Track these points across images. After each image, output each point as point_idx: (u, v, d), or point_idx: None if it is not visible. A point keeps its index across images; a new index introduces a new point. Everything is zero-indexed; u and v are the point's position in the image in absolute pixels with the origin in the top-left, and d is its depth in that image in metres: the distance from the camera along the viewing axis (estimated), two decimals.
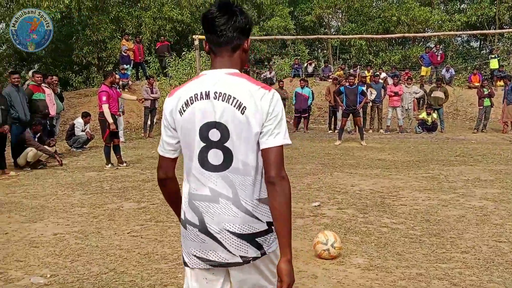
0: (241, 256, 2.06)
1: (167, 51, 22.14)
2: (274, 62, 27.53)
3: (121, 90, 14.34)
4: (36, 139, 10.64)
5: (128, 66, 20.53)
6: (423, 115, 17.65)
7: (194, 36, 16.79)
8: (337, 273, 4.46)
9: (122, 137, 14.12)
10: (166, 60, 21.94)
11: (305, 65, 25.87)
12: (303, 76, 23.51)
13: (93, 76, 24.57)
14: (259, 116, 1.99)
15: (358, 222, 6.09)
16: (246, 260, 2.07)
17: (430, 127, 17.43)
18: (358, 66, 24.70)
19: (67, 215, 6.60)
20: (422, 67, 23.63)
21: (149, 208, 6.92)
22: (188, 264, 2.16)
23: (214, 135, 2.02)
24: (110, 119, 9.96)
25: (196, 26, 25.75)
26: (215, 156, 2.03)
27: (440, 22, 29.46)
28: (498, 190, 7.91)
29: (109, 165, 10.29)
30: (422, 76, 23.07)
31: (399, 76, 20.81)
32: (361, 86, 14.98)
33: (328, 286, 4.17)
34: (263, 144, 1.99)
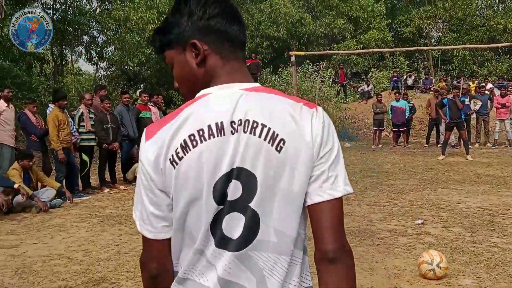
0: None
1: (257, 69, 22.44)
2: (372, 75, 27.11)
3: None
4: None
5: None
6: None
7: (290, 53, 17.01)
8: None
9: None
10: (258, 78, 22.30)
11: (405, 77, 25.22)
12: (402, 88, 22.90)
13: None
14: (308, 152, 1.26)
15: (465, 241, 5.80)
16: None
17: None
18: (462, 77, 23.66)
19: None
20: None
21: None
22: None
23: (234, 190, 1.24)
24: None
25: (292, 42, 26.03)
26: (232, 224, 1.24)
27: None
28: None
29: None
30: None
31: (506, 87, 19.64)
32: (463, 97, 14.34)
33: None
34: (314, 196, 1.27)
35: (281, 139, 1.23)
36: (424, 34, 32.70)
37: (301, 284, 1.30)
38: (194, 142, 1.23)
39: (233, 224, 1.24)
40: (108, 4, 22.22)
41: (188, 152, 1.23)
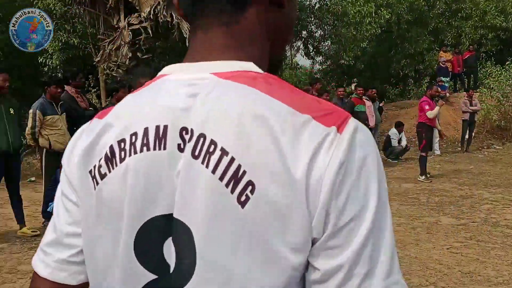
0: None
1: (475, 62, 20.76)
2: None
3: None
4: None
5: (446, 78, 20.04)
6: None
7: None
8: None
9: (437, 150, 13.97)
10: (477, 72, 20.68)
11: None
12: None
13: (409, 88, 24.82)
14: (301, 215, 0.66)
15: None
16: None
17: None
18: None
19: None
20: None
21: (469, 226, 6.61)
22: None
23: (171, 253, 0.72)
24: (438, 126, 10.07)
25: None
26: None
27: None
28: None
29: (423, 177, 10.21)
30: None
31: None
32: None
33: None
34: None
35: (249, 181, 0.66)
36: None
37: None
38: (123, 154, 0.74)
39: None
40: None
41: (113, 168, 0.75)
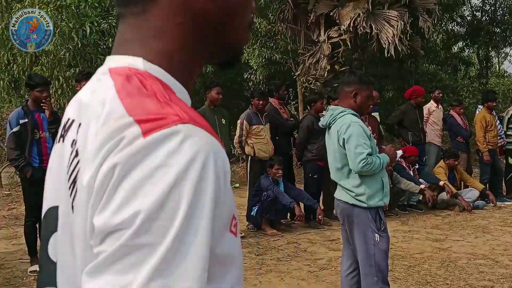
0: None
1: None
2: None
3: None
4: None
5: None
6: None
7: None
8: None
9: None
10: None
11: None
12: None
13: None
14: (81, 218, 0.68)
15: None
16: None
17: None
18: None
19: None
20: None
21: None
22: None
23: (54, 248, 0.80)
24: None
25: None
26: None
27: None
28: None
29: None
30: None
31: None
32: None
33: None
34: None
35: (78, 161, 0.70)
36: None
37: None
38: (59, 136, 0.81)
39: None
40: None
41: (56, 142, 0.82)
